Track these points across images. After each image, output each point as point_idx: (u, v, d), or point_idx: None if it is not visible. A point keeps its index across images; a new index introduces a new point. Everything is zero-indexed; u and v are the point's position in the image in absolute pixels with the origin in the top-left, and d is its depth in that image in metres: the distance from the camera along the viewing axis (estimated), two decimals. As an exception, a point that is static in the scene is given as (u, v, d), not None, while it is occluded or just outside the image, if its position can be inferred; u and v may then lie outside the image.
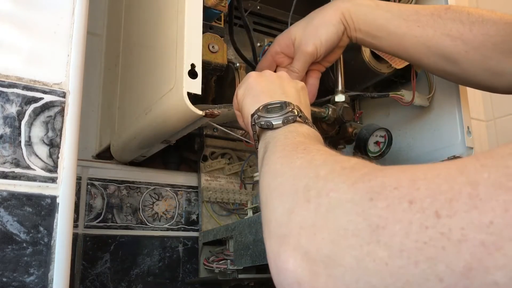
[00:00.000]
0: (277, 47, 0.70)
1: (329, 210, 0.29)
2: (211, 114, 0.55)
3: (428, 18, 0.63)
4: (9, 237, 0.43)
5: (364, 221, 0.26)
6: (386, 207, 0.26)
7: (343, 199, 0.29)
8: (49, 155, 0.46)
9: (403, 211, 0.25)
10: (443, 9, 0.63)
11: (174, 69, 0.55)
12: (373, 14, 0.65)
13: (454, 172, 0.25)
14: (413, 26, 0.64)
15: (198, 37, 0.55)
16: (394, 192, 0.27)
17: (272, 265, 0.32)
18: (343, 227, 0.27)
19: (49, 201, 0.45)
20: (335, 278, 0.27)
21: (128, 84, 0.73)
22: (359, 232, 0.26)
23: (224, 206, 0.84)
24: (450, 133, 0.74)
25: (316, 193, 0.31)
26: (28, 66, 0.47)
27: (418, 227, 0.24)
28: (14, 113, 0.45)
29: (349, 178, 0.30)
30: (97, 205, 0.77)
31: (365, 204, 0.27)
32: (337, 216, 0.28)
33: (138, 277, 0.77)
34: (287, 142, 0.43)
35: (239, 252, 0.66)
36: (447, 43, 0.62)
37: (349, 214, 0.28)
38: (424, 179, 0.26)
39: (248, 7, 0.87)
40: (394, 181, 0.27)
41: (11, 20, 0.47)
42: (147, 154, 0.76)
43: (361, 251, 0.26)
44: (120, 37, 0.78)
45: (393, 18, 0.65)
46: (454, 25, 0.61)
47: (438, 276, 0.23)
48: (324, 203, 0.30)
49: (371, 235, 0.26)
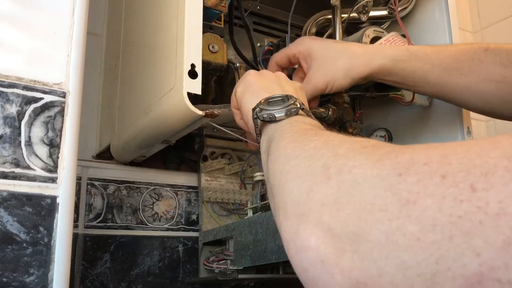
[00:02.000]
0: (295, 52, 0.68)
1: (353, 186, 0.28)
2: (211, 114, 0.55)
3: (470, 64, 0.62)
4: (9, 237, 0.43)
5: (392, 196, 0.25)
6: (417, 182, 0.25)
7: (368, 175, 0.28)
8: (49, 155, 0.46)
9: (435, 185, 0.24)
10: (482, 51, 0.62)
11: (174, 69, 0.55)
12: (411, 68, 0.64)
13: (487, 146, 0.25)
14: (455, 74, 0.62)
15: (198, 37, 0.55)
16: (424, 167, 0.26)
17: (290, 245, 0.30)
18: (370, 202, 0.26)
19: (49, 201, 0.45)
20: (362, 254, 0.26)
21: (128, 84, 0.73)
22: (387, 206, 0.25)
23: (224, 206, 0.84)
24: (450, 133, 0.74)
25: (337, 170, 0.30)
26: (28, 66, 0.47)
27: (452, 201, 0.23)
28: (14, 113, 0.45)
29: (372, 156, 0.29)
30: (97, 205, 0.77)
31: (393, 179, 0.26)
32: (363, 191, 0.27)
33: (138, 277, 0.77)
34: (295, 130, 0.42)
35: (239, 252, 0.66)
36: (491, 88, 0.61)
37: (376, 189, 0.26)
38: (455, 154, 0.25)
39: (248, 7, 0.87)
40: (423, 157, 0.26)
41: (11, 20, 0.47)
42: (147, 154, 0.76)
43: (390, 226, 0.25)
44: (120, 37, 0.78)
45: (433, 69, 0.63)
46: (497, 69, 0.61)
47: (475, 251, 0.22)
48: (347, 179, 0.29)
49: (400, 209, 0.25)
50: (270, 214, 0.61)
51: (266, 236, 0.61)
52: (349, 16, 0.80)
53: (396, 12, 0.79)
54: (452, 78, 0.63)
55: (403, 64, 0.64)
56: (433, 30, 0.79)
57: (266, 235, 0.61)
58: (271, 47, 0.82)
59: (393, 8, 0.80)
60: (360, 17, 0.81)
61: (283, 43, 0.80)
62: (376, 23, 0.83)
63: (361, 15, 0.80)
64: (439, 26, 0.78)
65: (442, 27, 0.78)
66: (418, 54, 0.64)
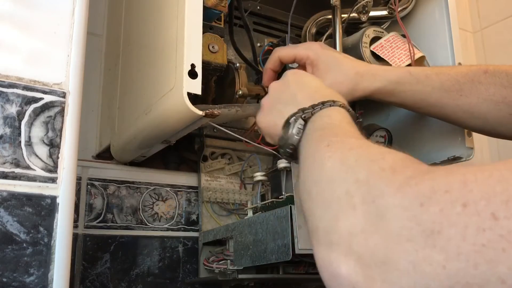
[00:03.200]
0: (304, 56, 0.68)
1: (378, 216, 0.29)
2: (211, 114, 0.55)
3: (470, 86, 0.62)
4: (9, 237, 0.43)
5: (417, 226, 0.27)
6: (439, 212, 0.26)
7: (391, 205, 0.29)
8: (49, 155, 0.46)
9: (457, 214, 0.25)
10: (481, 72, 0.62)
11: (174, 69, 0.55)
12: (412, 91, 0.65)
13: (507, 173, 0.25)
14: (455, 96, 0.63)
15: (198, 37, 0.55)
16: (445, 195, 0.27)
17: (324, 271, 0.32)
18: (396, 233, 0.27)
19: (49, 201, 0.45)
20: (391, 282, 0.27)
21: (128, 84, 0.73)
22: (413, 237, 0.26)
23: (224, 206, 0.84)
24: (450, 133, 0.74)
25: (361, 199, 0.31)
26: (28, 66, 0.47)
27: (475, 230, 0.24)
28: (14, 113, 0.45)
29: (393, 182, 0.30)
30: (97, 205, 0.77)
31: (416, 209, 0.27)
32: (388, 222, 0.28)
33: (138, 277, 0.77)
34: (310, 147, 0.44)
35: (239, 252, 0.66)
36: (491, 108, 0.62)
37: (400, 220, 0.28)
38: (476, 181, 0.26)
39: (248, 7, 0.87)
40: (444, 184, 0.27)
41: (11, 20, 0.47)
42: (147, 154, 0.76)
43: (417, 256, 0.26)
44: (120, 37, 0.78)
45: (434, 92, 0.64)
46: (496, 89, 0.61)
47: (500, 278, 0.23)
48: (372, 209, 0.30)
49: (426, 240, 0.26)
50: (270, 214, 0.61)
51: (266, 236, 0.61)
52: (349, 16, 0.80)
53: (396, 12, 0.79)
54: (452, 100, 0.64)
55: (403, 87, 0.65)
56: (433, 30, 0.79)
57: (266, 235, 0.61)
58: (271, 47, 0.81)
59: (393, 8, 0.80)
60: (360, 17, 0.81)
61: (283, 43, 0.80)
62: (376, 23, 0.83)
63: (361, 15, 0.80)
64: (439, 26, 0.78)
65: (442, 27, 0.77)
66: (419, 77, 0.64)
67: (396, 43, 0.76)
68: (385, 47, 0.76)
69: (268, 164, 0.87)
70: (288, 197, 0.62)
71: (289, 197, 0.62)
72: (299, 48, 0.69)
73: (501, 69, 0.62)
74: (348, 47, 0.77)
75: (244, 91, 0.70)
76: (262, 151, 0.84)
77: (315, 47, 0.68)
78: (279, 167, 0.64)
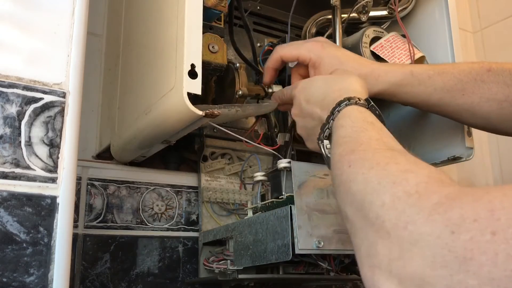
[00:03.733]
0: (307, 58, 0.68)
1: (412, 243, 0.31)
2: (211, 114, 0.55)
3: (472, 85, 0.62)
4: (9, 237, 0.43)
5: (450, 254, 0.28)
6: (470, 240, 0.28)
7: (423, 233, 0.31)
8: (49, 155, 0.46)
9: (487, 242, 0.27)
10: (484, 71, 0.62)
11: (174, 69, 0.55)
12: (414, 92, 0.65)
13: None
14: (457, 95, 0.63)
15: (198, 37, 0.55)
16: (474, 224, 0.28)
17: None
18: (431, 259, 0.29)
19: (49, 201, 0.45)
20: None
21: (128, 84, 0.73)
22: (447, 263, 0.28)
23: (224, 206, 0.84)
24: (450, 133, 0.74)
25: (392, 225, 0.33)
26: (28, 66, 0.47)
27: (505, 257, 0.26)
28: (14, 113, 0.45)
29: (421, 210, 0.32)
30: (97, 205, 0.77)
31: (448, 237, 0.29)
32: (422, 250, 0.30)
33: (138, 277, 0.77)
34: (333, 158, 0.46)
35: (239, 252, 0.66)
36: (493, 108, 0.62)
37: (434, 248, 0.30)
38: (503, 209, 0.28)
39: (248, 7, 0.87)
40: (472, 213, 0.29)
41: (11, 20, 0.47)
42: (147, 154, 0.76)
43: (452, 280, 0.28)
44: (120, 37, 0.78)
45: (436, 92, 0.64)
46: (499, 88, 0.61)
47: None
48: (405, 235, 0.32)
49: (459, 266, 0.28)
50: (270, 214, 0.61)
51: (266, 236, 0.61)
52: (349, 16, 0.80)
53: (396, 12, 0.79)
54: (454, 99, 0.64)
55: (405, 88, 0.65)
56: (433, 30, 0.79)
57: (266, 235, 0.61)
58: (271, 47, 0.81)
59: (393, 8, 0.80)
60: (360, 17, 0.81)
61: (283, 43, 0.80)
62: (376, 23, 0.83)
63: (361, 15, 0.80)
64: (439, 26, 0.78)
65: (442, 27, 0.77)
66: (421, 78, 0.65)
67: (396, 43, 0.76)
68: (385, 47, 0.76)
69: (268, 164, 0.87)
70: (288, 197, 0.62)
71: (289, 197, 0.62)
72: (302, 50, 0.68)
73: (504, 67, 0.62)
74: (348, 47, 0.77)
75: (244, 91, 0.70)
76: (262, 151, 0.84)
77: (318, 49, 0.68)
78: (279, 167, 0.64)
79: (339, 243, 0.59)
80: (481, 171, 1.31)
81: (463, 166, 1.20)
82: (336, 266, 0.62)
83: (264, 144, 0.78)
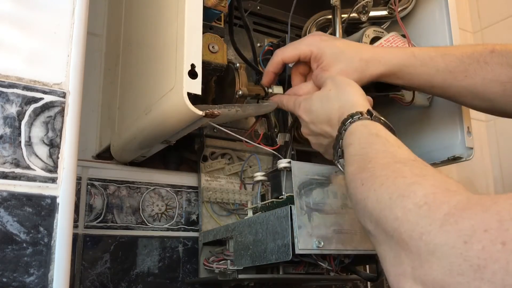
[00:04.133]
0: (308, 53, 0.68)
1: (430, 253, 0.33)
2: (211, 114, 0.55)
3: (475, 67, 0.62)
4: (9, 237, 0.43)
5: (465, 262, 0.31)
6: (482, 249, 0.30)
7: (437, 243, 0.33)
8: (49, 155, 0.46)
9: (498, 252, 0.29)
10: (488, 52, 0.62)
11: (174, 69, 0.55)
12: (417, 73, 0.65)
13: None
14: (460, 77, 0.63)
15: (198, 37, 0.55)
16: (485, 234, 0.30)
17: None
18: (448, 268, 0.32)
19: (49, 201, 0.45)
20: None
21: (128, 84, 0.73)
22: (463, 271, 0.31)
23: (224, 206, 0.84)
24: (450, 133, 0.74)
25: (409, 236, 0.36)
26: (28, 66, 0.47)
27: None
28: (14, 113, 0.45)
29: (433, 220, 0.34)
30: (97, 205, 0.77)
31: (461, 247, 0.31)
32: (439, 259, 0.32)
33: (138, 277, 0.77)
34: (350, 187, 0.48)
35: (239, 252, 0.66)
36: (496, 89, 0.62)
37: (449, 257, 0.32)
38: (511, 220, 0.30)
39: (248, 7, 0.87)
40: (482, 224, 0.31)
41: (11, 20, 0.47)
42: (147, 154, 0.76)
43: (469, 287, 0.30)
44: (120, 37, 0.78)
45: (438, 73, 0.64)
46: (503, 69, 0.61)
47: None
48: (421, 245, 0.34)
49: (475, 273, 0.30)
50: (270, 214, 0.61)
51: (266, 236, 0.61)
52: (349, 16, 0.80)
53: (396, 12, 0.79)
54: (457, 80, 0.63)
55: (408, 69, 0.65)
56: (433, 30, 0.79)
57: (266, 235, 0.61)
58: (271, 47, 0.82)
59: (393, 8, 0.80)
60: (360, 17, 0.81)
61: (283, 43, 0.80)
62: (376, 23, 0.83)
63: (361, 15, 0.80)
64: (439, 26, 0.78)
65: (442, 27, 0.78)
66: (423, 59, 0.65)
67: (396, 43, 0.76)
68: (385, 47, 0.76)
69: (268, 164, 0.87)
70: (288, 197, 0.62)
71: (289, 197, 0.62)
72: (301, 47, 0.68)
73: (508, 49, 0.62)
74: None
75: (244, 91, 0.70)
76: (262, 151, 0.84)
77: (317, 41, 0.68)
78: (279, 167, 0.64)
79: (339, 243, 0.59)
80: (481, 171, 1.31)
81: (463, 166, 1.20)
82: (336, 266, 0.62)
83: (264, 144, 0.78)
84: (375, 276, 0.68)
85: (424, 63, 0.64)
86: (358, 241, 0.60)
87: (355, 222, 0.61)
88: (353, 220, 0.61)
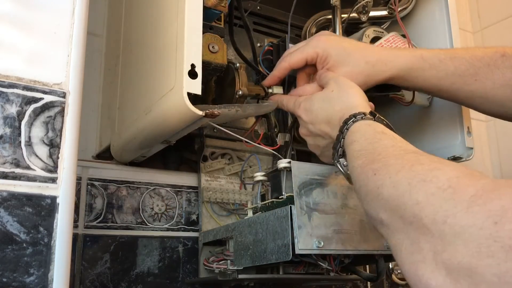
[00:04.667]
0: (314, 55, 0.67)
1: (455, 235, 0.32)
2: (211, 114, 0.55)
3: (486, 70, 0.61)
4: (9, 237, 0.43)
5: (495, 243, 0.30)
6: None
7: (464, 225, 0.32)
8: (49, 155, 0.46)
9: None
10: (498, 56, 0.61)
11: (174, 69, 0.55)
12: (425, 76, 0.64)
13: None
14: (469, 80, 0.62)
15: (198, 37, 0.55)
16: None
17: (414, 285, 0.36)
18: (476, 250, 0.30)
19: (49, 201, 0.45)
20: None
21: (128, 84, 0.73)
22: (493, 253, 0.29)
23: (224, 206, 0.84)
24: (450, 133, 0.74)
25: (431, 220, 0.34)
26: (28, 66, 0.47)
27: None
28: (14, 113, 0.45)
29: (459, 203, 0.33)
30: (97, 205, 0.77)
31: (491, 227, 0.30)
32: (465, 241, 0.31)
33: (138, 277, 0.77)
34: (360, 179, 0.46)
35: (239, 252, 0.66)
36: (507, 94, 0.61)
37: (478, 239, 0.31)
38: None
39: (248, 7, 0.87)
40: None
41: (11, 20, 0.47)
42: (147, 154, 0.76)
43: (500, 269, 0.29)
44: (120, 37, 0.78)
45: (447, 77, 0.63)
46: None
47: None
48: (445, 229, 0.33)
49: (506, 255, 0.29)
50: (270, 214, 0.61)
51: (266, 236, 0.61)
52: (349, 16, 0.80)
53: (396, 12, 0.79)
54: (466, 84, 0.62)
55: (416, 72, 0.64)
56: (433, 30, 0.79)
57: (266, 235, 0.61)
58: (271, 47, 0.82)
59: (393, 8, 0.80)
60: (360, 17, 0.81)
61: (283, 43, 0.80)
62: (376, 23, 0.83)
63: (361, 15, 0.80)
64: (439, 26, 0.78)
65: (442, 27, 0.78)
66: (432, 62, 0.64)
67: (396, 43, 0.76)
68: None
69: (268, 164, 0.87)
70: (288, 197, 0.62)
71: (289, 197, 0.62)
72: (308, 49, 0.68)
73: None
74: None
75: (244, 91, 0.70)
76: (262, 151, 0.84)
77: (323, 43, 0.67)
78: (279, 167, 0.64)
79: (339, 243, 0.59)
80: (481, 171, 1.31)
81: (463, 166, 1.20)
82: (336, 266, 0.62)
83: (264, 144, 0.78)
84: (375, 276, 0.68)
85: (433, 66, 0.63)
86: (358, 241, 0.60)
87: (355, 222, 0.61)
88: (353, 220, 0.61)
